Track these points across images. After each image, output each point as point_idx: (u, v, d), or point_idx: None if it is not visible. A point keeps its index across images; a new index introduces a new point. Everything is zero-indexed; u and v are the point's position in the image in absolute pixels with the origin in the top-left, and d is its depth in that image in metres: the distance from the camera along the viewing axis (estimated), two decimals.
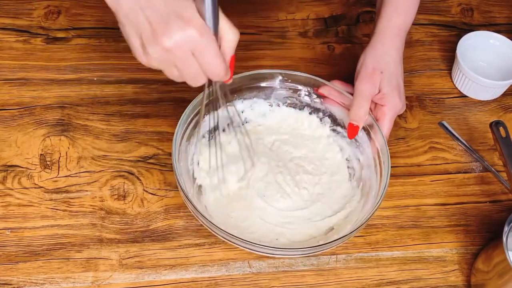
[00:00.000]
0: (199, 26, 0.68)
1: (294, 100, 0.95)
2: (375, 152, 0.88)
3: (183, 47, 0.68)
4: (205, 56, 0.70)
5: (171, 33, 0.67)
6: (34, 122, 0.93)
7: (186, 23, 0.67)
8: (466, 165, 0.98)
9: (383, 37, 0.92)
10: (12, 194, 0.86)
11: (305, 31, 1.11)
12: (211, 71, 0.71)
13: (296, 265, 0.85)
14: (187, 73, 0.72)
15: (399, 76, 0.91)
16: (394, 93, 0.89)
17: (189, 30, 0.67)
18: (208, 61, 0.70)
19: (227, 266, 0.84)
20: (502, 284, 0.80)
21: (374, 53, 0.91)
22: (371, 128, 0.89)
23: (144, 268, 0.82)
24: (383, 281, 0.85)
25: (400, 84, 0.91)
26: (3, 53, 1.01)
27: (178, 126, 0.83)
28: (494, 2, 1.21)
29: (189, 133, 0.87)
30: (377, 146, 0.87)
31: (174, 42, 0.68)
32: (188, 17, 0.68)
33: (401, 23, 0.93)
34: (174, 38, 0.68)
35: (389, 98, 0.89)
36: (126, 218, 0.86)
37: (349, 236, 0.79)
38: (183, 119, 0.84)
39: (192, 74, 0.72)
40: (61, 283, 0.80)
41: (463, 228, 0.91)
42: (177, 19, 0.67)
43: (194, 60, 0.70)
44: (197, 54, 0.69)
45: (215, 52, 0.70)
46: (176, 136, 0.82)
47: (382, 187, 0.82)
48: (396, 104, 0.89)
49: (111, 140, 0.93)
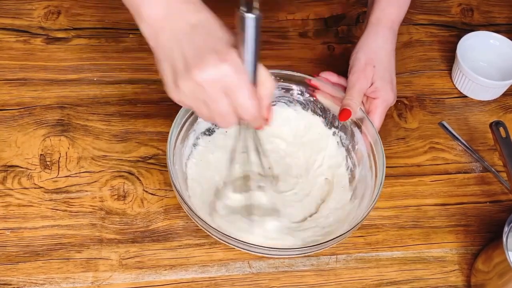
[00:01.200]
0: (235, 63, 0.65)
1: (287, 99, 0.95)
2: (369, 149, 0.88)
3: (215, 83, 0.65)
4: (238, 96, 0.66)
5: (204, 67, 0.64)
6: (34, 122, 0.93)
7: (222, 59, 0.65)
8: (466, 165, 0.98)
9: (376, 29, 0.93)
10: (12, 194, 0.86)
11: (305, 31, 1.11)
12: (243, 112, 0.68)
13: (296, 265, 0.85)
14: (217, 113, 0.68)
15: (392, 69, 0.92)
16: (386, 87, 0.90)
17: (223, 66, 0.65)
18: (241, 101, 0.67)
19: (227, 266, 0.84)
20: (502, 285, 0.80)
21: (367, 47, 0.92)
22: (365, 126, 0.89)
23: (144, 268, 0.82)
24: (383, 281, 0.85)
25: (392, 77, 0.92)
26: (3, 53, 1.01)
27: (172, 129, 0.83)
28: (494, 2, 1.21)
29: (183, 135, 0.87)
30: (370, 141, 0.88)
31: (206, 77, 0.65)
32: (225, 53, 0.65)
33: (394, 15, 0.93)
34: (207, 72, 0.65)
35: (382, 92, 0.90)
36: (126, 218, 0.86)
37: (346, 235, 0.79)
38: (176, 121, 0.84)
39: (222, 114, 0.68)
40: (61, 283, 0.80)
41: (463, 228, 0.91)
42: (213, 54, 0.65)
43: (225, 99, 0.67)
44: (229, 92, 0.66)
45: (249, 92, 0.67)
46: (170, 139, 0.83)
47: (378, 185, 0.83)
48: (388, 97, 0.90)
49: (111, 140, 0.93)
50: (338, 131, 0.93)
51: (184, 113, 0.86)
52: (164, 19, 0.68)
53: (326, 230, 0.85)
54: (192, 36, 0.66)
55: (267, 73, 0.70)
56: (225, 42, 0.66)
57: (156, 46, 0.68)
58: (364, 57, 0.91)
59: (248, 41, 0.65)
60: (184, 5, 0.68)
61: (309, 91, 0.93)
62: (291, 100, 0.95)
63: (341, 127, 0.93)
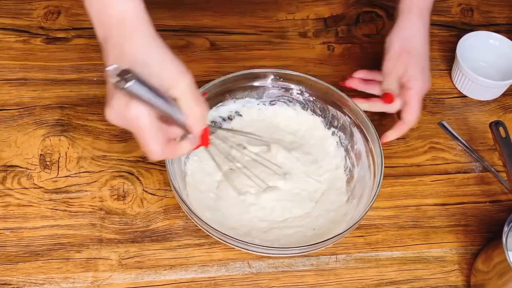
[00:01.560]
0: (136, 111, 0.66)
1: (286, 98, 0.95)
2: (367, 149, 0.88)
3: (121, 125, 0.68)
4: (141, 142, 0.68)
5: (111, 109, 0.67)
6: (33, 122, 0.93)
7: (126, 105, 0.66)
8: (466, 165, 0.98)
9: (407, 17, 0.93)
10: (12, 194, 0.86)
11: (305, 31, 1.11)
12: (148, 155, 0.69)
13: (296, 265, 0.85)
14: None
15: (426, 57, 0.93)
16: (420, 75, 0.91)
17: (127, 112, 0.66)
18: (143, 148, 0.69)
19: (226, 266, 0.84)
20: (502, 284, 0.80)
21: (400, 34, 0.92)
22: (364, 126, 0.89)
23: (143, 268, 0.82)
24: (383, 281, 0.85)
25: (426, 64, 0.93)
26: (3, 53, 1.01)
27: None
28: (494, 2, 1.21)
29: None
30: (370, 143, 0.88)
31: (112, 119, 0.67)
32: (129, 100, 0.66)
33: (424, 3, 0.93)
34: (112, 116, 0.67)
35: (415, 81, 0.90)
36: (126, 218, 0.86)
37: (345, 234, 0.79)
38: None
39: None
40: (60, 283, 0.80)
41: (463, 228, 0.91)
42: (122, 97, 0.66)
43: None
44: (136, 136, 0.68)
45: (150, 138, 0.68)
46: None
47: (376, 184, 0.83)
48: (422, 86, 0.91)
49: (111, 140, 0.93)
50: (337, 131, 0.94)
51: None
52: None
53: (316, 231, 0.85)
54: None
55: (192, 102, 0.70)
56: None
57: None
58: (398, 43, 0.92)
59: (144, 97, 0.65)
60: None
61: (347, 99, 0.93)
62: (290, 100, 0.95)
63: (340, 127, 0.93)
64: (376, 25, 1.14)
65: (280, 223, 0.86)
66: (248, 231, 0.84)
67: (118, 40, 0.69)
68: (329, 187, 0.90)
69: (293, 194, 0.88)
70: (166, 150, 0.70)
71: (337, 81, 0.97)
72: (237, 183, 0.87)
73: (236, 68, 0.98)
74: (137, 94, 0.64)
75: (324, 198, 0.89)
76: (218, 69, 1.02)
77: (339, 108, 0.92)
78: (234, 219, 0.85)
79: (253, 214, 0.86)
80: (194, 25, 1.08)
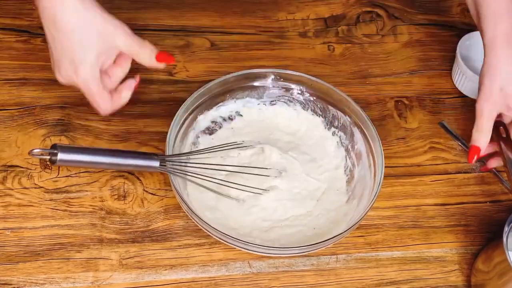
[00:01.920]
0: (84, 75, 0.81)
1: (287, 98, 0.95)
2: (368, 149, 0.88)
3: (71, 85, 0.83)
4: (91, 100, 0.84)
5: (62, 74, 0.83)
6: (34, 122, 0.93)
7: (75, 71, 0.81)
8: (466, 165, 0.98)
9: (493, 49, 0.88)
10: (12, 194, 0.86)
11: (305, 31, 1.11)
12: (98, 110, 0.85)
13: (296, 265, 0.85)
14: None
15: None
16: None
17: (77, 78, 0.82)
18: (93, 104, 0.85)
19: (227, 266, 0.84)
20: (502, 284, 0.80)
21: (489, 70, 0.88)
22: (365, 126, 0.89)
23: (144, 268, 0.83)
24: (383, 281, 0.85)
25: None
26: (3, 53, 1.01)
27: (170, 127, 0.84)
28: None
29: (183, 134, 0.87)
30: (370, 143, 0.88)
31: (64, 82, 0.83)
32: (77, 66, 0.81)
33: (508, 29, 0.88)
34: (65, 79, 0.83)
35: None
36: (126, 218, 0.86)
37: (345, 234, 0.79)
38: (175, 120, 0.85)
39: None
40: (61, 283, 0.80)
41: (463, 228, 0.91)
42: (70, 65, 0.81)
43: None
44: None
45: (97, 96, 0.84)
46: (169, 137, 0.83)
47: (377, 184, 0.83)
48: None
49: (111, 140, 0.93)
50: (337, 131, 0.94)
51: (183, 111, 0.86)
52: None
53: (316, 231, 0.85)
54: (65, 40, 0.80)
55: (136, 47, 0.84)
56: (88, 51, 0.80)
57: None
58: (488, 81, 0.88)
59: (74, 162, 0.81)
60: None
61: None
62: (291, 100, 0.95)
63: (341, 127, 0.93)
64: (376, 25, 1.14)
65: (282, 222, 0.86)
66: (249, 231, 0.84)
67: (50, 3, 0.80)
68: (329, 187, 0.90)
69: (293, 194, 0.88)
70: (113, 104, 0.85)
71: (337, 81, 0.97)
72: (231, 193, 0.86)
73: (236, 68, 0.98)
74: (68, 162, 0.79)
75: (325, 197, 0.89)
76: (218, 69, 1.02)
77: (340, 108, 0.93)
78: (234, 220, 0.85)
79: (255, 215, 0.86)
80: (194, 25, 1.08)
